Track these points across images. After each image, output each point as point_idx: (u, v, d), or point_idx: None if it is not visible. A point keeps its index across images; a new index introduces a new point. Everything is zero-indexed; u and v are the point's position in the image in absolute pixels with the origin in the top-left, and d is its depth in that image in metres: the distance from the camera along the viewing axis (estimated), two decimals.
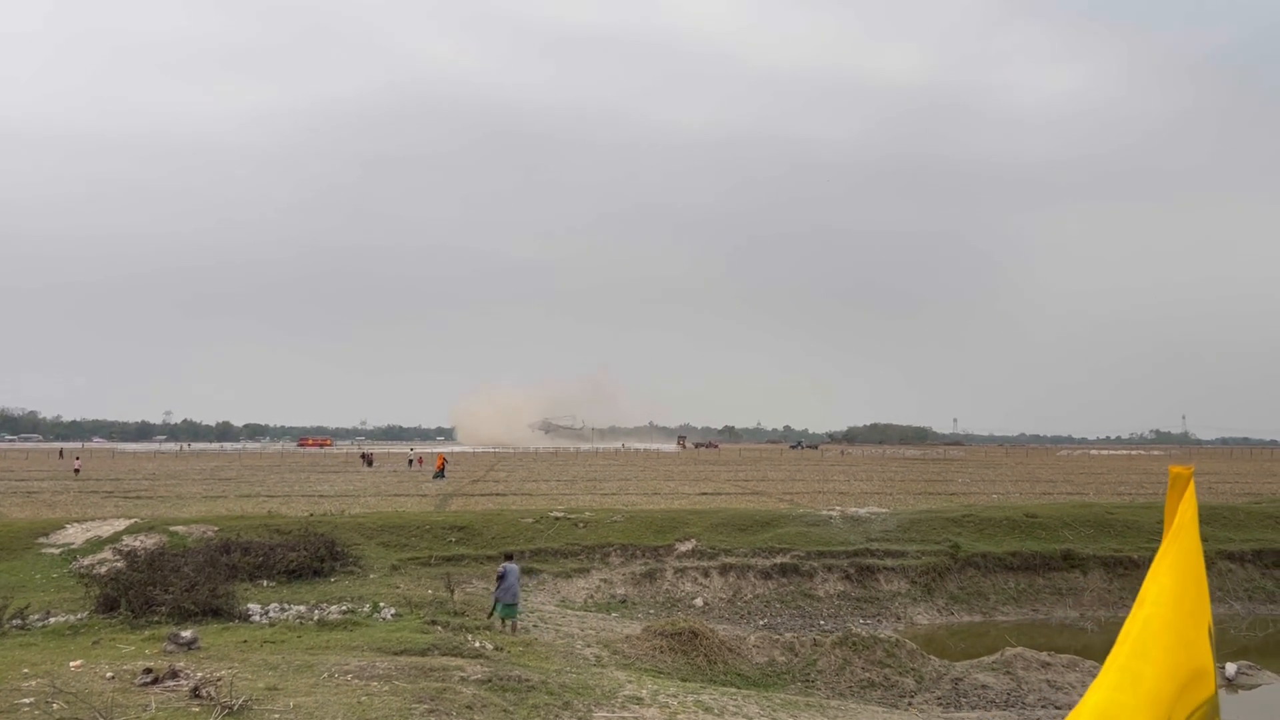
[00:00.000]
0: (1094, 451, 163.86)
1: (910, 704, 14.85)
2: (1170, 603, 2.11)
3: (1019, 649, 16.73)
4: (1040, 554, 25.35)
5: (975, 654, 17.66)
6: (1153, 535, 26.68)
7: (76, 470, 62.70)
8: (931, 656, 16.57)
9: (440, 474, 55.86)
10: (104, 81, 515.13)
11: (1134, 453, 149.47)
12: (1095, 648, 19.34)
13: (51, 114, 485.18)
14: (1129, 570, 24.98)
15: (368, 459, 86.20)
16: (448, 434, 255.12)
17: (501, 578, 18.23)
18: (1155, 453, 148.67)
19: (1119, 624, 2.09)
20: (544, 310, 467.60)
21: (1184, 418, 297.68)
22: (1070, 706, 14.43)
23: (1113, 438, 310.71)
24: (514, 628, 18.35)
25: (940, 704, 14.91)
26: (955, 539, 25.67)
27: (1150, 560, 2.18)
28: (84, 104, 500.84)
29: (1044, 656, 16.58)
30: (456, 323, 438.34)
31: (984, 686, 15.43)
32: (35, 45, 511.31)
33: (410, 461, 78.82)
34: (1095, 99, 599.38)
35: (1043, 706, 14.97)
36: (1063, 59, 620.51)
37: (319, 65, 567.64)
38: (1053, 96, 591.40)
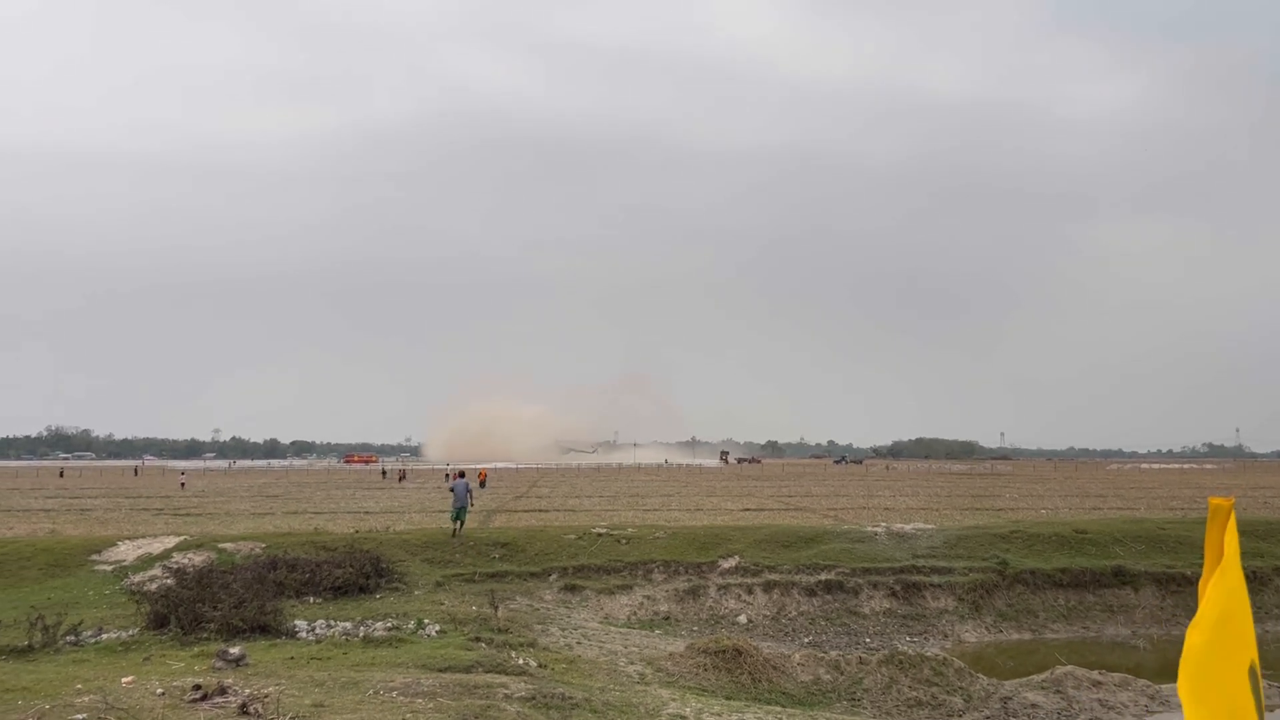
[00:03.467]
0: (1145, 465, 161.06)
1: None
2: (1208, 640, 2.06)
3: (1069, 667, 16.44)
4: (1090, 570, 24.90)
5: (1024, 672, 17.37)
6: None
7: (182, 485, 68.47)
8: (980, 675, 16.32)
9: (481, 485, 57.41)
10: (152, 107, 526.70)
11: (1186, 467, 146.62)
12: (1148, 666, 18.91)
13: (99, 137, 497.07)
14: (1182, 587, 24.44)
15: (400, 475, 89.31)
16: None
17: (453, 489, 28.13)
18: (1208, 466, 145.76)
19: (1172, 641, 2.06)
20: (586, 325, 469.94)
21: (1238, 430, 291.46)
22: None
23: (1164, 451, 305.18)
24: (460, 525, 26.86)
25: None
26: (1003, 555, 25.30)
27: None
28: (130, 128, 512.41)
29: (1095, 675, 16.27)
30: (501, 339, 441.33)
31: (1034, 706, 15.16)
32: (86, 68, 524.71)
33: (447, 476, 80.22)
34: (1145, 111, 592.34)
35: None
36: (1111, 72, 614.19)
37: (367, 87, 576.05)
38: (1102, 109, 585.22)
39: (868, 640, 21.68)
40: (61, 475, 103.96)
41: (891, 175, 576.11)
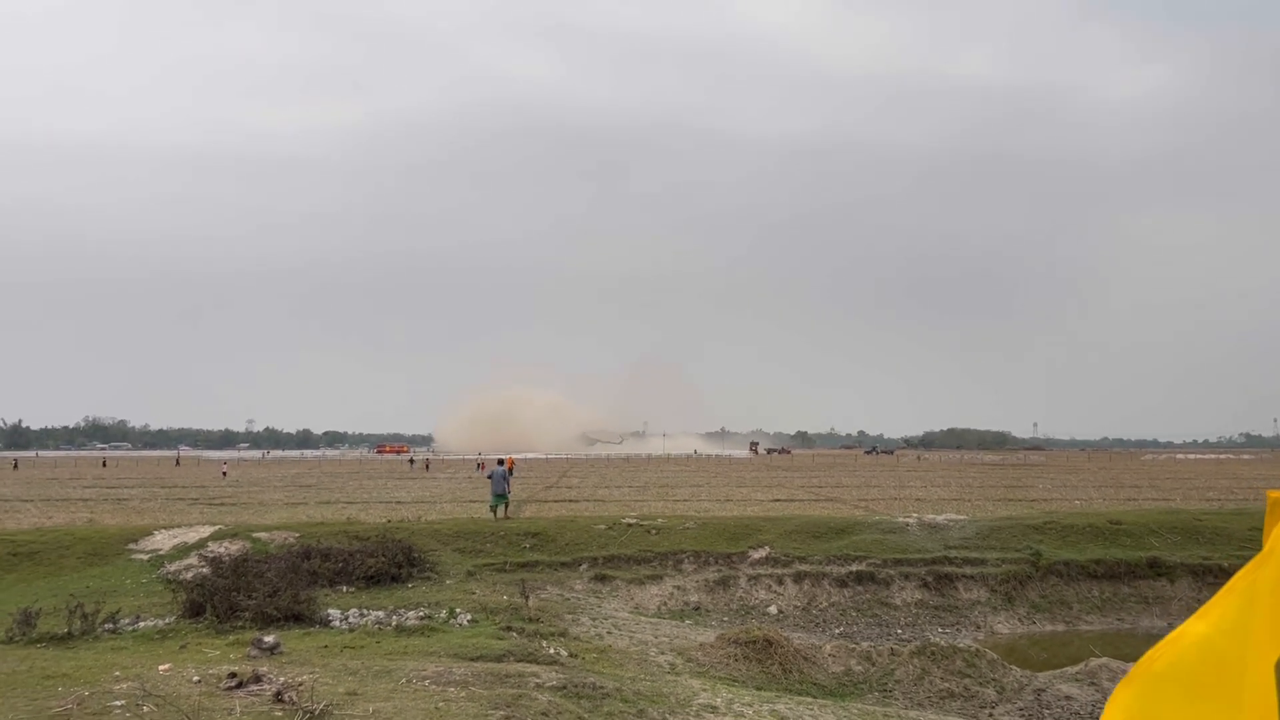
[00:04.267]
0: (1180, 455, 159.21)
1: (991, 715, 14.54)
2: (1229, 630, 1.97)
3: (1104, 659, 16.28)
4: (1125, 561, 24.65)
5: (1058, 664, 17.21)
6: (1244, 543, 25.82)
7: (224, 474, 70.12)
8: (1013, 666, 16.19)
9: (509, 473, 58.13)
10: (178, 99, 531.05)
11: (1222, 456, 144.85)
12: None
13: (130, 129, 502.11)
14: (1219, 579, 24.11)
15: (425, 463, 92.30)
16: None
17: (490, 476, 30.50)
18: (1245, 456, 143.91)
19: None
20: (616, 317, 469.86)
21: (1275, 420, 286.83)
22: None
23: (1199, 441, 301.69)
24: (505, 511, 29.51)
25: (1022, 715, 14.56)
26: (1037, 546, 25.08)
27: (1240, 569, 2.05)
28: (160, 121, 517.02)
29: (1130, 667, 16.05)
30: (523, 327, 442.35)
31: (1068, 698, 15.03)
32: (121, 66, 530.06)
33: (478, 465, 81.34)
34: (1176, 97, 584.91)
35: None
36: (1141, 58, 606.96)
37: (392, 81, 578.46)
38: (1132, 96, 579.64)
39: (899, 631, 21.59)
40: (104, 465, 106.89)
41: (922, 162, 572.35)
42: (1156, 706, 1.91)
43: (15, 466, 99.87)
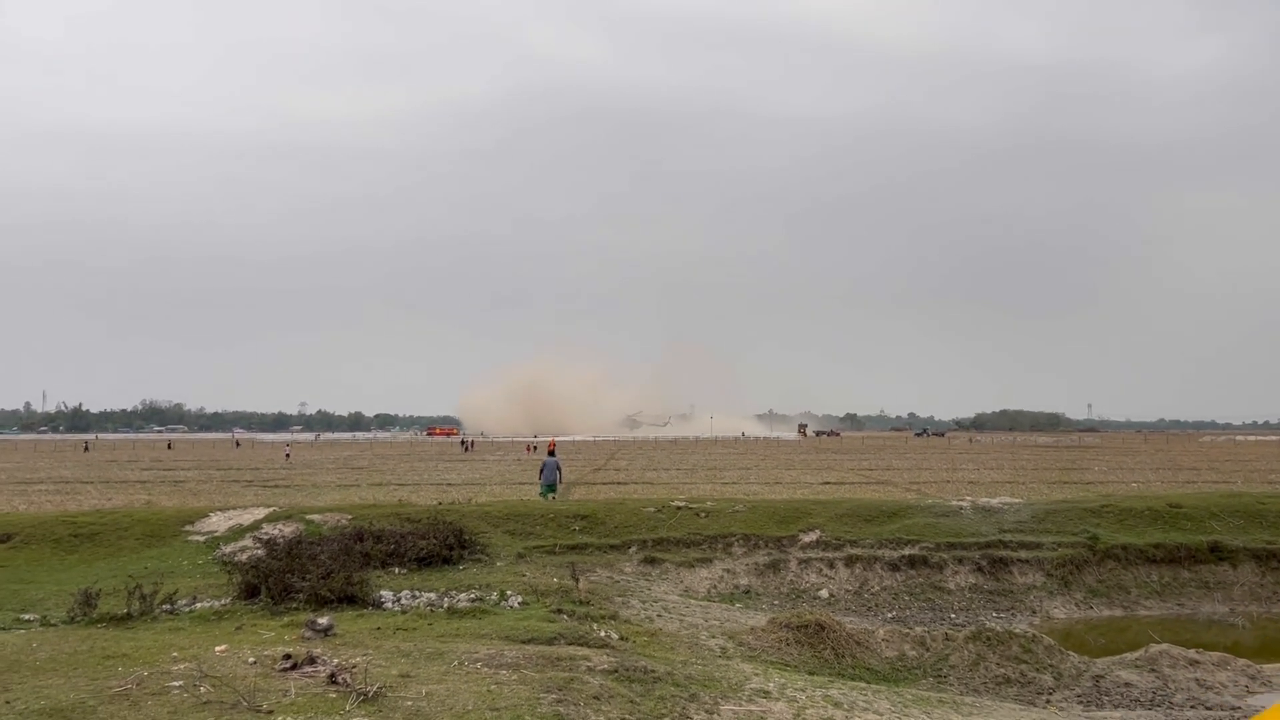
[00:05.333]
0: (1239, 437, 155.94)
1: (1049, 701, 14.29)
2: None
3: (1164, 645, 15.93)
4: (1185, 545, 24.12)
5: (1116, 650, 16.89)
6: None
7: (287, 456, 71.52)
8: (1070, 652, 15.90)
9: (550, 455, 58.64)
10: (225, 84, 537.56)
11: None
12: (1246, 645, 18.28)
13: (191, 116, 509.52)
14: None
15: (467, 445, 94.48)
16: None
17: (543, 467, 31.34)
18: None
19: (1273, 620, 1.87)
20: (666, 301, 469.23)
21: None
22: (1221, 707, 13.63)
23: (1260, 423, 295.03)
24: (554, 498, 29.85)
25: (1080, 702, 14.30)
26: (1093, 530, 24.65)
27: None
28: (224, 108, 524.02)
29: (1191, 654, 15.72)
30: (580, 314, 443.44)
31: (1127, 684, 14.73)
32: (185, 54, 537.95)
33: (528, 447, 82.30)
34: (1235, 72, 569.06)
35: (1191, 706, 14.18)
36: (1200, 31, 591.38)
37: (444, 66, 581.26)
38: (1190, 71, 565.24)
39: (953, 616, 21.33)
40: (170, 447, 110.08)
41: (970, 141, 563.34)
42: None
43: (86, 449, 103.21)
